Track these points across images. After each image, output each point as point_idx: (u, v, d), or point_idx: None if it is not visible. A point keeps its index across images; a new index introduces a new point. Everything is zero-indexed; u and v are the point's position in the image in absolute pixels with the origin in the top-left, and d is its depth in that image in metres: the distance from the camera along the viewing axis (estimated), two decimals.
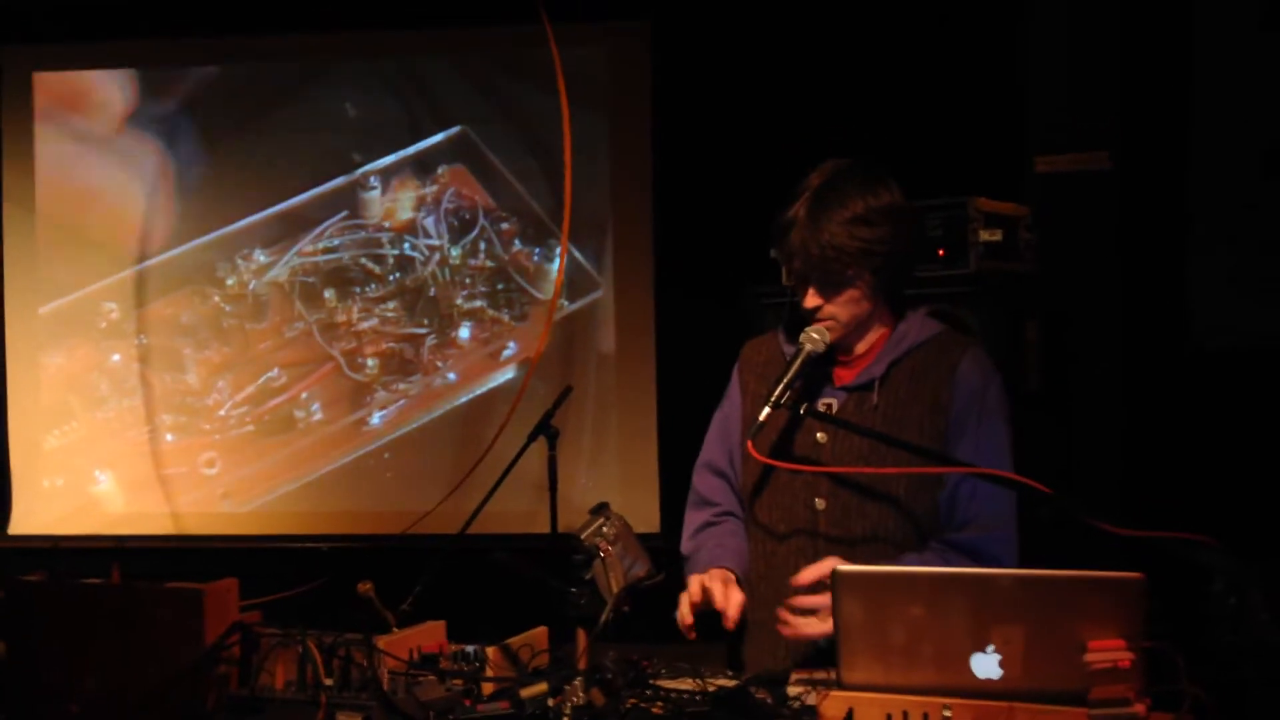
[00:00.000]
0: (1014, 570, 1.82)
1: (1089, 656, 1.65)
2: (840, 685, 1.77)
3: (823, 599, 2.03)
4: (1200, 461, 3.83)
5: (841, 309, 2.21)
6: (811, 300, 2.22)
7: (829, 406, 2.26)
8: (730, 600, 2.18)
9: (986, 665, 1.71)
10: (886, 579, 1.84)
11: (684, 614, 2.18)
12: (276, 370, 4.88)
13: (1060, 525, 2.18)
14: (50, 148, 4.99)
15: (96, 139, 4.96)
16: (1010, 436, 2.23)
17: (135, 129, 4.94)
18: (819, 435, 2.25)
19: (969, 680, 1.71)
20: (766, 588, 2.29)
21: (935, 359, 2.24)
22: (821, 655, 2.04)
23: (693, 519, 2.46)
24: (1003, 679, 1.71)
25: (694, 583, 2.23)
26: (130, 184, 4.93)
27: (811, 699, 1.81)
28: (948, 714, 1.66)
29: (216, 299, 4.91)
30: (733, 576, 2.26)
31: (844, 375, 2.29)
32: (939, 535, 2.20)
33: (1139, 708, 1.61)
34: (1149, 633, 1.68)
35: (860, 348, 2.29)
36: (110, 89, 4.97)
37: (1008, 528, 2.18)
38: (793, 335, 2.30)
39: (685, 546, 2.44)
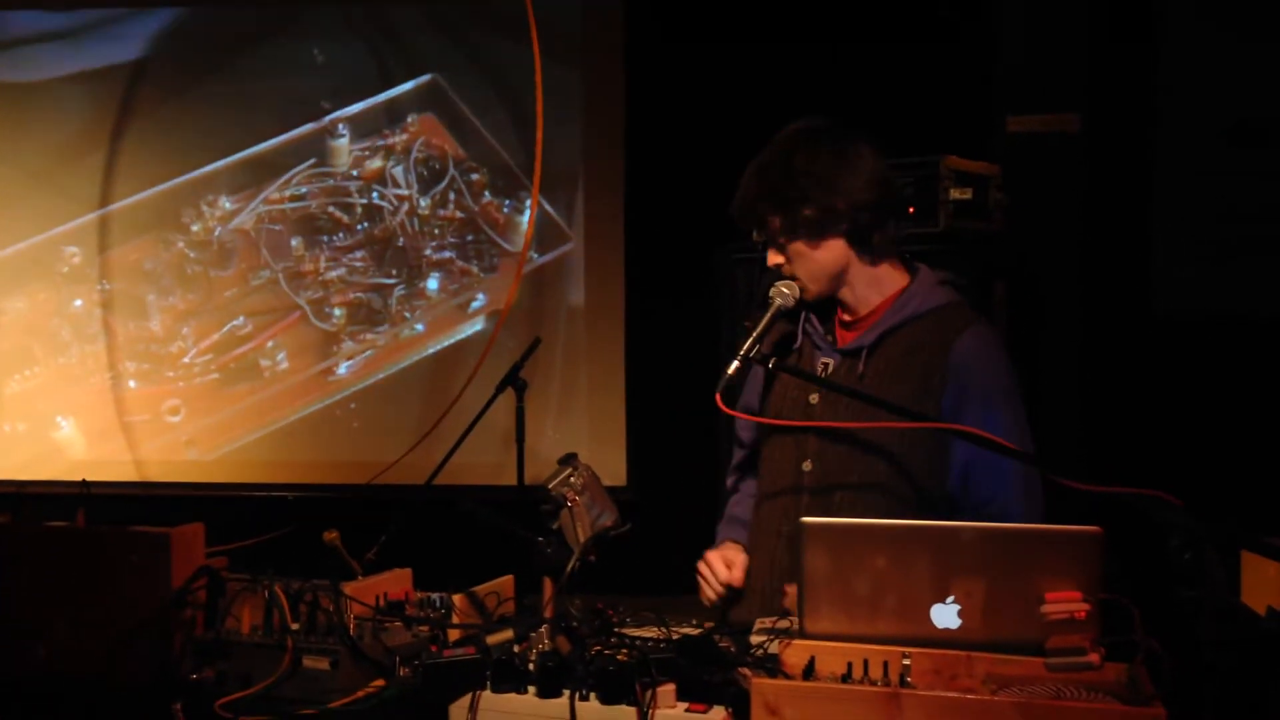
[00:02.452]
0: (974, 524, 1.84)
1: (1046, 608, 1.68)
2: (803, 634, 1.79)
3: None
4: (1161, 423, 3.89)
5: (796, 266, 2.21)
6: (771, 258, 2.23)
7: (826, 366, 2.26)
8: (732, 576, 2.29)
9: (946, 616, 1.74)
10: (852, 530, 1.86)
11: (711, 590, 2.28)
12: (242, 318, 4.84)
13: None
14: (12, 89, 4.89)
15: (59, 80, 4.87)
16: (1017, 417, 2.15)
17: (100, 71, 4.85)
18: (812, 396, 2.25)
19: (929, 630, 1.74)
20: (756, 542, 2.34)
21: (934, 334, 2.18)
22: None
23: (735, 453, 2.54)
24: (962, 629, 1.74)
25: (714, 559, 2.32)
26: (94, 127, 4.85)
27: (774, 647, 1.84)
28: (907, 663, 1.69)
29: (181, 245, 4.86)
30: (738, 548, 2.36)
31: (845, 337, 2.27)
32: (935, 504, 2.17)
33: (1093, 657, 1.65)
34: (1105, 586, 1.71)
35: (862, 309, 2.25)
36: (76, 29, 4.87)
37: (1030, 508, 2.13)
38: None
39: (728, 480, 2.55)
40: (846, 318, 2.28)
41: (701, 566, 2.31)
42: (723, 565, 2.28)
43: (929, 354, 2.17)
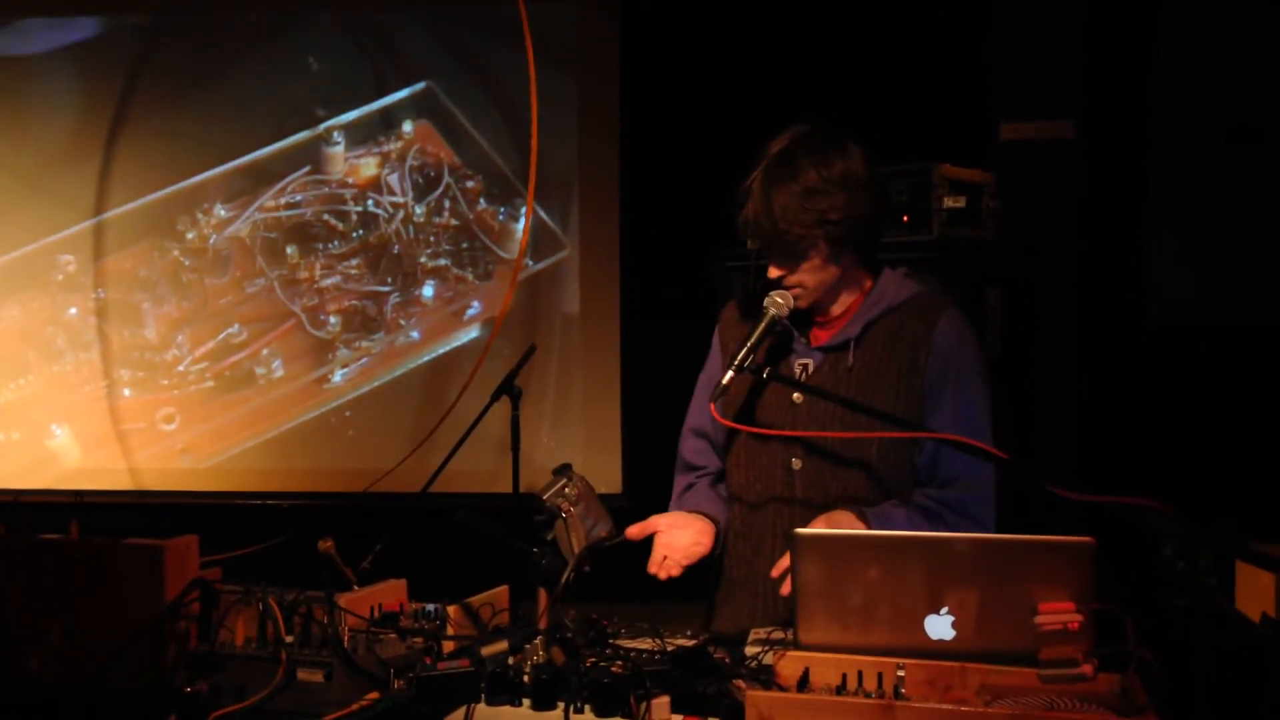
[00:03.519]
0: (968, 534, 1.85)
1: (1039, 618, 1.69)
2: (797, 645, 1.80)
3: None
4: (1155, 430, 3.90)
5: (806, 276, 2.22)
6: (774, 271, 2.23)
7: (805, 367, 2.28)
8: (674, 546, 2.23)
9: (940, 627, 1.74)
10: (844, 542, 1.86)
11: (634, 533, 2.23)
12: (237, 326, 4.83)
13: (1017, 489, 2.22)
14: (5, 96, 4.88)
15: (54, 88, 4.87)
16: (988, 398, 2.25)
17: (95, 79, 4.85)
18: (794, 396, 2.27)
19: (923, 641, 1.74)
20: (744, 546, 2.33)
21: (912, 320, 2.25)
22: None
23: (678, 483, 2.50)
24: (955, 640, 1.74)
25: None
26: (89, 135, 4.84)
27: (769, 659, 1.84)
28: (901, 674, 1.69)
29: (176, 253, 4.85)
30: (705, 523, 2.31)
31: (820, 336, 2.31)
32: (920, 490, 2.23)
33: (1087, 668, 1.65)
34: (1099, 596, 1.71)
35: (836, 309, 2.30)
36: (71, 36, 4.87)
37: (988, 490, 2.21)
38: (763, 298, 2.31)
39: (671, 508, 2.47)
40: (820, 318, 2.31)
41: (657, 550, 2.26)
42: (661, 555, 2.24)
43: (914, 336, 2.24)
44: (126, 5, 4.86)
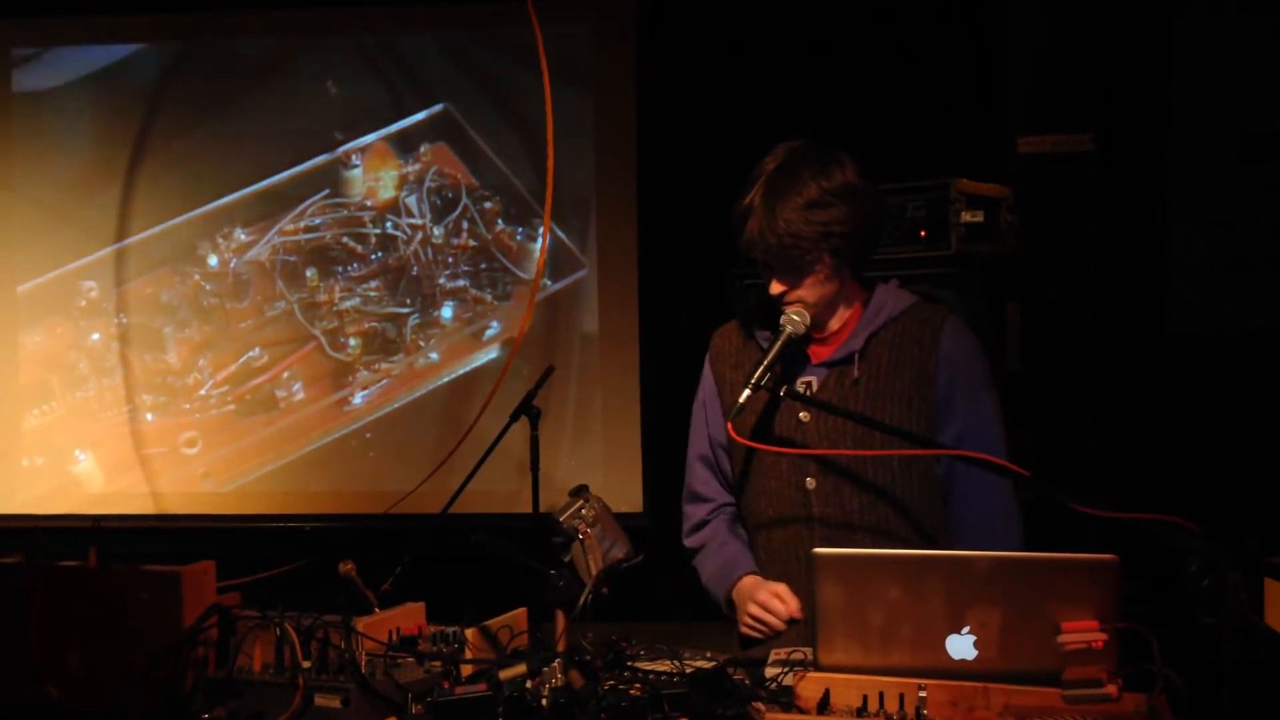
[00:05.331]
0: (989, 552, 1.82)
1: (1063, 638, 1.67)
2: (817, 666, 1.78)
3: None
4: (1177, 444, 3.86)
5: (807, 291, 2.22)
6: (776, 287, 2.23)
7: (808, 385, 2.27)
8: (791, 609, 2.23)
9: (962, 646, 1.72)
10: (864, 561, 1.84)
11: (778, 619, 2.21)
12: (258, 349, 4.85)
13: (1039, 506, 2.20)
14: (28, 124, 4.94)
15: (75, 115, 4.92)
16: (1000, 410, 2.25)
17: (115, 105, 4.89)
18: (801, 415, 2.26)
19: (945, 661, 1.72)
20: (769, 572, 2.31)
21: (916, 329, 2.25)
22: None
23: (690, 514, 2.50)
24: (978, 660, 1.72)
25: (768, 597, 2.24)
26: (110, 162, 4.89)
27: (789, 680, 1.82)
28: (923, 695, 1.67)
29: (197, 278, 4.88)
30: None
31: (821, 352, 2.30)
32: (932, 505, 2.22)
33: (1111, 688, 1.63)
34: (1123, 614, 1.69)
35: (834, 324, 2.29)
36: (90, 65, 4.92)
37: (1008, 501, 2.21)
38: (762, 319, 2.31)
39: (688, 540, 2.49)
40: (818, 335, 2.30)
41: (756, 610, 2.22)
42: (778, 601, 2.21)
43: (920, 345, 2.23)
44: (146, 33, 4.90)
